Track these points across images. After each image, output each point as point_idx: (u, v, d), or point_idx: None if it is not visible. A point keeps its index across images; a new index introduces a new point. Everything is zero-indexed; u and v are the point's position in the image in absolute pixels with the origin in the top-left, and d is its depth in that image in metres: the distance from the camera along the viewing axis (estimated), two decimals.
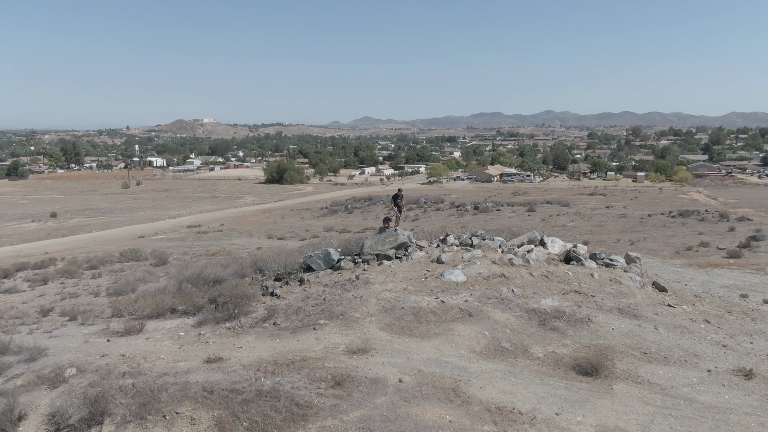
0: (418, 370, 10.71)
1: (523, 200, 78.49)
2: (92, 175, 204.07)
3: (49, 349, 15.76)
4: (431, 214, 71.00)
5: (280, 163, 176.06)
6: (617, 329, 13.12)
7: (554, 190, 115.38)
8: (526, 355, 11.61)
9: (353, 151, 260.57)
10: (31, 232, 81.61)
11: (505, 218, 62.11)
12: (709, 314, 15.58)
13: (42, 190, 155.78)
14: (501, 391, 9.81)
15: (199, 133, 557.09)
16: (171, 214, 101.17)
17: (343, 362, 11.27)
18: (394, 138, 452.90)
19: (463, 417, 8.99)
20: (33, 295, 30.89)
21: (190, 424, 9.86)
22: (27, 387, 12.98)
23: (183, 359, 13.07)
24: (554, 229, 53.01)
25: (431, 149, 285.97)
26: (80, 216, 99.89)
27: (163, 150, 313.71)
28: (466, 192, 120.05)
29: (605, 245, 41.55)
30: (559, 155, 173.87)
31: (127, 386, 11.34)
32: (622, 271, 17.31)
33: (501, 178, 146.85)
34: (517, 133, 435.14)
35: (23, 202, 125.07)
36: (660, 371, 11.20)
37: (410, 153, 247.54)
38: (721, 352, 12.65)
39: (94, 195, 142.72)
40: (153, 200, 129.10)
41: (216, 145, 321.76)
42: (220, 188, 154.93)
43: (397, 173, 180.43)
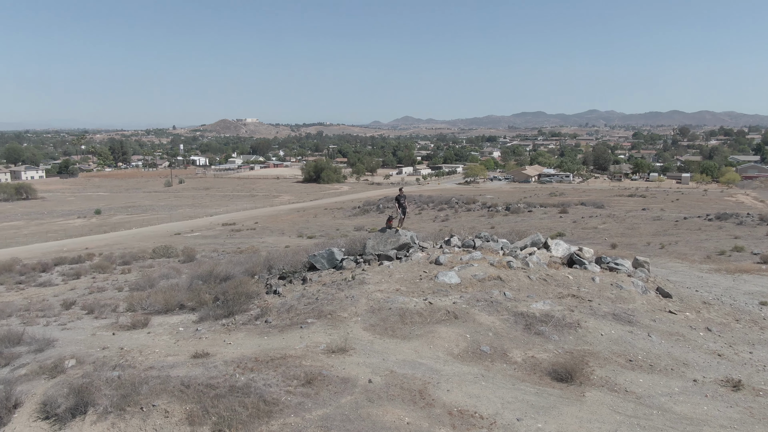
0: (390, 371, 10.75)
1: (557, 201, 77.11)
2: (138, 173, 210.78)
3: (58, 341, 16.46)
4: (462, 214, 70.55)
5: (318, 162, 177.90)
6: (606, 335, 12.83)
7: (593, 192, 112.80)
8: (504, 359, 11.49)
9: (392, 151, 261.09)
10: (75, 228, 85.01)
11: (535, 219, 61.16)
12: (713, 322, 15.04)
13: (90, 188, 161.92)
14: (467, 395, 9.75)
15: (242, 133, 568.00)
16: (209, 212, 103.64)
17: (320, 361, 11.41)
18: (434, 138, 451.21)
19: (422, 419, 8.99)
20: (65, 288, 32.26)
21: (164, 416, 10.17)
22: (29, 376, 13.62)
23: (174, 354, 13.46)
24: (585, 231, 51.90)
25: (470, 149, 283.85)
26: (123, 213, 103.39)
27: (207, 149, 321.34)
28: (501, 193, 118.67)
29: (634, 248, 40.50)
30: (600, 155, 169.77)
31: (114, 378, 11.77)
32: (625, 276, 16.87)
33: (539, 179, 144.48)
34: (559, 133, 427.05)
35: (71, 199, 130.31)
36: (641, 379, 10.91)
37: (448, 153, 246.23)
38: (714, 361, 12.21)
39: (138, 193, 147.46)
40: (193, 198, 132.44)
41: (257, 145, 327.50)
42: (259, 187, 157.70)
43: (433, 173, 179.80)
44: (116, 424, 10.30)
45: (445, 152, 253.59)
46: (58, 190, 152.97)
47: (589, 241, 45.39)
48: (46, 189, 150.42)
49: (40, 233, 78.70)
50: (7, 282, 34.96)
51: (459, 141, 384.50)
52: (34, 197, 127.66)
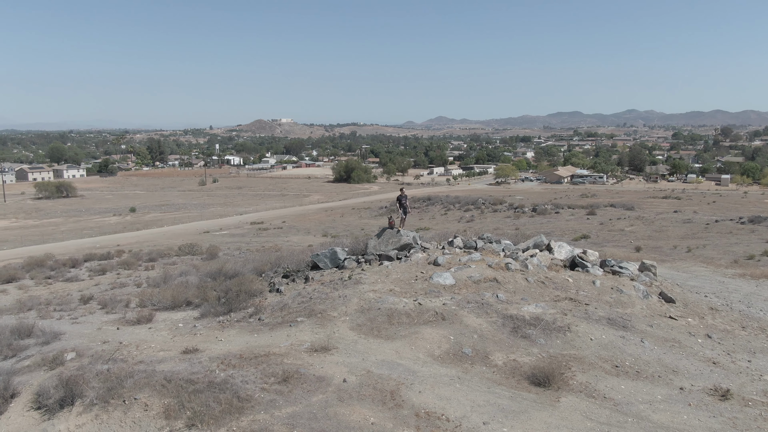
0: (367, 371, 10.76)
1: (586, 203, 75.69)
2: (174, 172, 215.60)
3: (65, 334, 17.02)
4: (488, 215, 69.93)
5: (349, 162, 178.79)
6: (596, 340, 12.56)
7: (626, 193, 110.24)
8: (485, 362, 11.37)
9: (423, 151, 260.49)
10: (110, 225, 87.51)
11: (561, 221, 60.15)
12: (715, 329, 14.56)
13: (127, 186, 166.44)
14: (438, 397, 9.70)
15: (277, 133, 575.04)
16: (239, 210, 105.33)
17: (301, 359, 11.50)
18: (467, 138, 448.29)
19: (388, 420, 8.98)
20: (90, 284, 33.25)
21: (143, 410, 10.41)
22: (31, 368, 14.13)
23: (167, 349, 13.76)
24: (611, 233, 50.80)
25: (503, 149, 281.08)
26: (156, 211, 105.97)
27: (242, 149, 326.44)
28: (531, 193, 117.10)
29: (660, 251, 39.49)
30: (636, 156, 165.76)
31: (103, 371, 12.10)
32: (628, 280, 16.47)
33: (571, 180, 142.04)
34: (596, 133, 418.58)
35: (109, 198, 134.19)
36: (623, 386, 10.65)
37: (481, 153, 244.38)
38: (707, 369, 11.83)
39: (172, 191, 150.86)
40: (225, 197, 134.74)
41: (291, 145, 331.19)
42: (290, 186, 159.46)
43: (464, 173, 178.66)
44: (99, 416, 10.59)
45: (477, 152, 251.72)
46: (97, 188, 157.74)
47: (613, 244, 44.42)
48: (86, 187, 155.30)
49: (77, 230, 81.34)
50: (38, 277, 36.21)
51: (492, 141, 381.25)
52: (74, 195, 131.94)
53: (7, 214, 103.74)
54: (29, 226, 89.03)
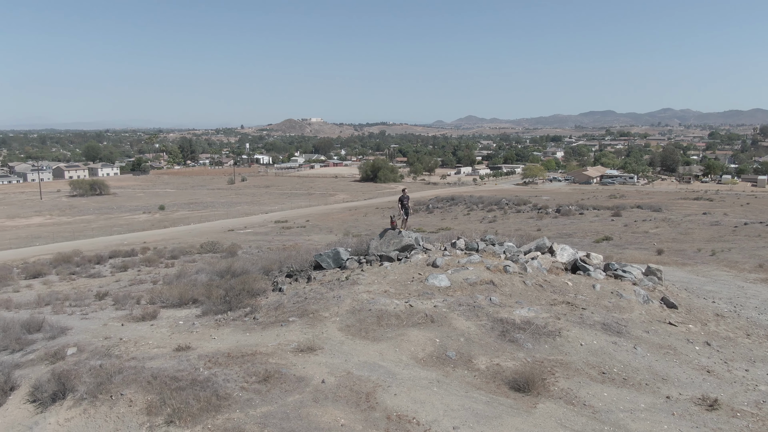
0: (347, 372, 10.80)
1: (613, 204, 74.30)
2: (204, 171, 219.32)
3: (72, 330, 17.51)
4: (511, 215, 69.23)
5: (375, 161, 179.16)
6: (587, 345, 12.34)
7: (656, 194, 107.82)
8: (467, 366, 11.28)
9: (451, 151, 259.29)
10: (139, 222, 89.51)
11: (585, 222, 59.15)
12: (717, 336, 14.15)
13: (159, 185, 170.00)
14: (413, 400, 9.67)
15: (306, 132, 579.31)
16: (264, 209, 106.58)
17: (285, 359, 11.61)
18: (497, 137, 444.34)
19: (358, 422, 9.00)
20: (110, 280, 34.10)
21: (128, 405, 10.65)
22: (34, 361, 14.58)
23: (162, 346, 14.04)
24: (634, 235, 49.74)
25: (533, 149, 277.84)
26: (185, 209, 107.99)
27: (271, 148, 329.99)
28: (559, 194, 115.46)
29: (682, 254, 38.52)
30: (669, 156, 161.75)
31: (96, 367, 12.43)
32: (630, 284, 16.11)
33: (601, 180, 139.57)
34: (628, 132, 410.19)
35: (140, 195, 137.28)
36: (606, 393, 10.44)
37: (509, 153, 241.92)
38: (699, 378, 11.51)
39: (202, 190, 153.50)
40: (252, 196, 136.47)
41: (320, 144, 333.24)
42: (317, 185, 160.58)
43: (491, 173, 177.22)
44: (88, 410, 10.87)
45: (506, 152, 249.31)
46: (129, 186, 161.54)
47: (635, 246, 43.52)
48: (119, 185, 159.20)
49: (107, 227, 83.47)
50: (63, 272, 37.29)
51: (522, 141, 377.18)
52: (107, 193, 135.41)
53: (43, 211, 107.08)
54: (62, 222, 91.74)
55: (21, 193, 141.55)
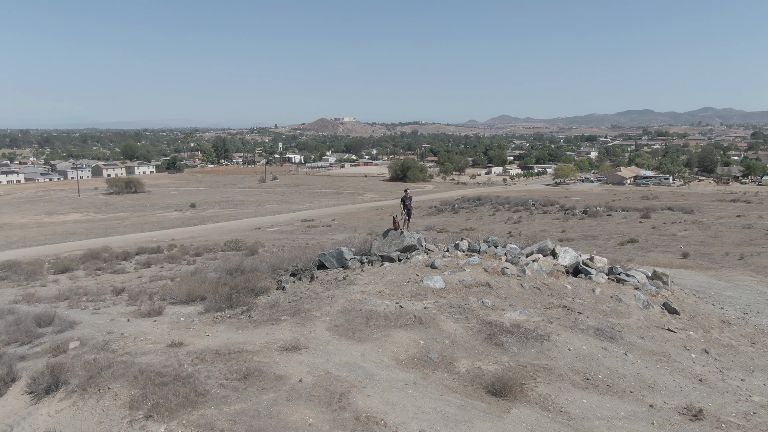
0: (326, 371, 10.85)
1: (642, 205, 72.55)
2: (237, 169, 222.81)
3: (81, 324, 18.02)
4: (536, 216, 68.30)
5: (405, 161, 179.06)
6: (575, 350, 12.10)
7: (691, 195, 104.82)
8: (448, 369, 11.20)
9: (483, 150, 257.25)
10: (170, 220, 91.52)
11: (612, 224, 57.92)
12: (718, 343, 13.70)
13: (192, 183, 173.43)
14: (385, 402, 9.65)
15: (339, 132, 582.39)
16: (292, 208, 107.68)
17: (269, 357, 11.73)
18: (530, 137, 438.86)
19: (326, 422, 9.04)
20: (133, 276, 34.96)
21: (113, 399, 10.93)
22: (39, 354, 15.08)
23: (158, 342, 14.35)
24: (661, 238, 48.47)
25: (566, 149, 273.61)
26: (215, 207, 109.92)
27: (304, 147, 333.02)
28: (589, 195, 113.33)
29: (709, 258, 37.42)
30: (707, 156, 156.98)
31: (90, 361, 12.79)
32: (631, 289, 15.73)
33: (634, 181, 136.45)
34: (667, 132, 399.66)
35: (174, 193, 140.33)
36: (585, 400, 10.22)
37: (542, 153, 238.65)
38: (689, 386, 11.17)
39: (233, 188, 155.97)
40: (282, 194, 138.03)
41: (351, 143, 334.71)
42: (346, 185, 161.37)
43: (522, 173, 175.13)
44: (77, 402, 11.20)
45: (538, 152, 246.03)
46: (163, 184, 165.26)
47: (661, 249, 42.45)
48: (154, 183, 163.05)
49: (139, 224, 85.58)
50: (89, 268, 38.43)
51: (556, 140, 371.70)
52: (141, 191, 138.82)
53: (80, 208, 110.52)
54: (97, 219, 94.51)
55: (61, 191, 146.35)
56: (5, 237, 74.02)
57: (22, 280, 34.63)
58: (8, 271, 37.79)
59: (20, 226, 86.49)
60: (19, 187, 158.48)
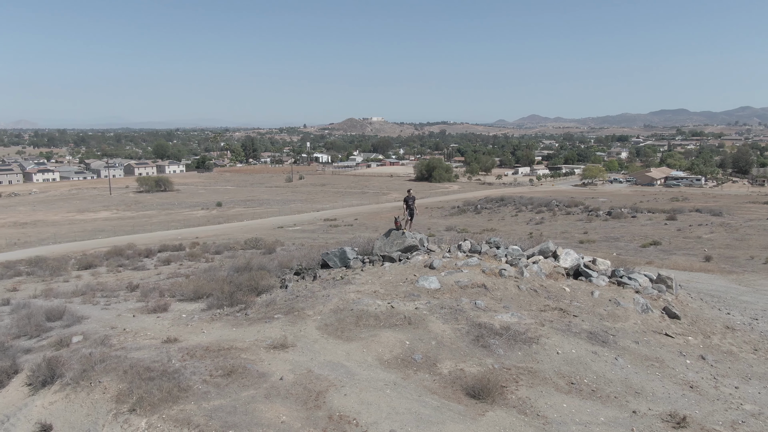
0: (308, 370, 10.93)
1: (670, 207, 70.89)
2: (265, 169, 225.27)
3: (88, 319, 18.51)
4: (559, 217, 67.40)
5: (431, 161, 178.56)
6: (564, 354, 11.93)
7: (723, 197, 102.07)
8: (430, 370, 11.16)
9: (511, 150, 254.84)
10: (196, 218, 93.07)
11: (636, 226, 56.79)
12: (718, 350, 13.34)
13: (220, 182, 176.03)
14: (360, 402, 9.68)
15: (367, 131, 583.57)
16: (316, 207, 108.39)
17: (255, 355, 11.87)
18: (560, 137, 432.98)
19: (298, 420, 9.12)
20: (152, 273, 35.68)
21: (102, 392, 11.21)
22: (44, 347, 15.54)
23: (155, 337, 14.64)
24: (685, 240, 47.33)
25: (596, 149, 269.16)
26: (241, 206, 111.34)
27: (331, 147, 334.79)
28: (617, 196, 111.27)
29: (733, 262, 36.50)
30: (742, 157, 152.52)
31: (86, 355, 13.13)
32: (632, 292, 15.41)
33: (665, 182, 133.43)
34: (701, 132, 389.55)
35: (201, 192, 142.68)
36: (565, 404, 10.07)
37: (571, 153, 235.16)
38: (678, 393, 10.91)
39: (260, 187, 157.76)
40: (308, 194, 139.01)
41: (379, 143, 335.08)
42: (371, 184, 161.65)
43: (549, 174, 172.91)
44: (69, 395, 11.51)
45: (567, 152, 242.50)
46: (192, 183, 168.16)
47: (683, 252, 41.50)
48: (183, 182, 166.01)
49: (165, 222, 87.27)
50: (112, 265, 39.33)
51: (586, 140, 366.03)
52: (170, 189, 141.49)
53: (110, 206, 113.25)
54: (126, 217, 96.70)
55: (93, 189, 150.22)
56: (38, 233, 76.32)
57: (47, 275, 35.62)
58: (35, 267, 38.94)
59: (53, 223, 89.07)
60: (54, 185, 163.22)
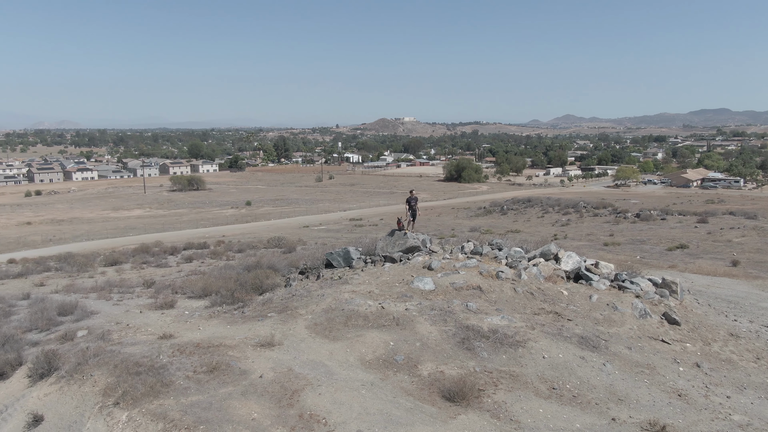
0: (289, 368, 11.04)
1: (702, 210, 68.85)
2: (296, 168, 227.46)
3: (98, 314, 19.07)
4: (586, 219, 66.16)
5: (460, 161, 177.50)
6: (550, 358, 11.75)
7: (762, 200, 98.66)
8: (410, 371, 11.13)
9: (543, 151, 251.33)
10: (225, 217, 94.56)
11: (664, 229, 55.32)
12: (716, 357, 12.93)
13: (252, 181, 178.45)
14: (333, 401, 9.73)
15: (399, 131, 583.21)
16: (343, 207, 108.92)
17: (242, 352, 12.04)
18: (595, 137, 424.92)
19: (270, 418, 9.22)
20: (173, 270, 36.42)
21: (92, 385, 11.53)
22: (51, 341, 16.08)
23: (153, 333, 14.98)
24: (714, 244, 45.88)
25: (632, 150, 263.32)
26: (269, 205, 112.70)
27: (363, 147, 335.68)
28: (650, 198, 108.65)
29: (762, 267, 35.23)
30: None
31: (84, 349, 13.53)
32: (632, 296, 15.05)
33: (701, 184, 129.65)
34: (743, 132, 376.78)
35: (232, 191, 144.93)
36: (542, 409, 9.92)
37: (605, 154, 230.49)
38: (664, 401, 10.63)
39: (290, 187, 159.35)
40: (336, 193, 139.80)
41: (410, 143, 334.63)
42: (400, 184, 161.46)
43: (581, 175, 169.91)
44: (63, 387, 11.89)
45: (602, 153, 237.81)
46: (224, 182, 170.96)
47: (710, 256, 40.26)
48: (215, 181, 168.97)
49: (195, 221, 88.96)
50: (136, 262, 40.33)
51: (622, 141, 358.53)
52: (203, 188, 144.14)
53: (144, 204, 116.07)
54: (158, 215, 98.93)
55: (129, 187, 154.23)
56: (72, 230, 78.78)
57: (74, 271, 36.69)
58: (64, 263, 40.16)
59: (87, 221, 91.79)
60: (92, 184, 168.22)
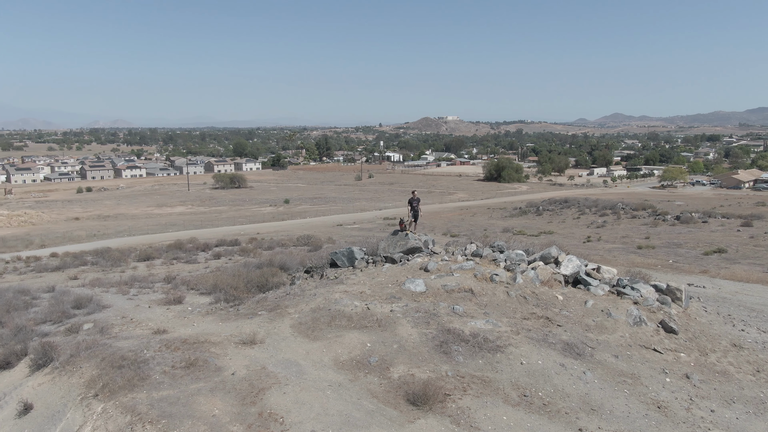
0: (263, 367, 11.18)
1: (749, 213, 65.91)
2: (337, 167, 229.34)
3: (109, 308, 19.72)
4: (623, 221, 64.30)
5: (500, 161, 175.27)
6: (528, 365, 11.50)
7: None
8: (380, 373, 11.09)
9: (588, 150, 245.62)
10: (263, 214, 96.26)
11: (704, 232, 53.19)
12: (711, 369, 12.38)
13: (293, 180, 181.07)
14: (295, 401, 9.80)
15: (442, 130, 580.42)
16: (380, 206, 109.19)
17: (223, 349, 12.27)
18: (644, 136, 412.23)
19: (230, 415, 9.37)
20: (200, 266, 37.33)
21: (79, 377, 11.98)
22: (60, 333, 16.76)
23: (150, 328, 15.42)
24: (755, 249, 43.81)
25: (682, 149, 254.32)
26: (307, 203, 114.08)
27: (404, 146, 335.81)
28: (696, 199, 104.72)
29: None
30: None
31: (82, 341, 14.06)
32: (629, 303, 14.55)
33: (754, 185, 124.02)
34: None
35: (273, 189, 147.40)
36: (506, 417, 9.73)
37: (653, 153, 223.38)
38: (641, 413, 10.26)
39: (330, 185, 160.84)
40: (374, 192, 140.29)
41: (452, 142, 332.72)
42: (439, 184, 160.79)
43: (626, 175, 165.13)
44: (55, 378, 12.40)
45: (649, 152, 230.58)
46: (266, 180, 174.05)
47: (748, 262, 38.53)
48: (257, 179, 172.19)
49: (233, 218, 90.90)
50: (168, 258, 41.52)
51: (673, 140, 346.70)
52: (244, 186, 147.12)
53: (186, 201, 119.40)
54: (199, 212, 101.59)
55: (174, 185, 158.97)
56: (116, 226, 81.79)
57: (108, 266, 38.07)
58: (99, 257, 41.73)
59: (132, 217, 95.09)
60: (140, 181, 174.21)
